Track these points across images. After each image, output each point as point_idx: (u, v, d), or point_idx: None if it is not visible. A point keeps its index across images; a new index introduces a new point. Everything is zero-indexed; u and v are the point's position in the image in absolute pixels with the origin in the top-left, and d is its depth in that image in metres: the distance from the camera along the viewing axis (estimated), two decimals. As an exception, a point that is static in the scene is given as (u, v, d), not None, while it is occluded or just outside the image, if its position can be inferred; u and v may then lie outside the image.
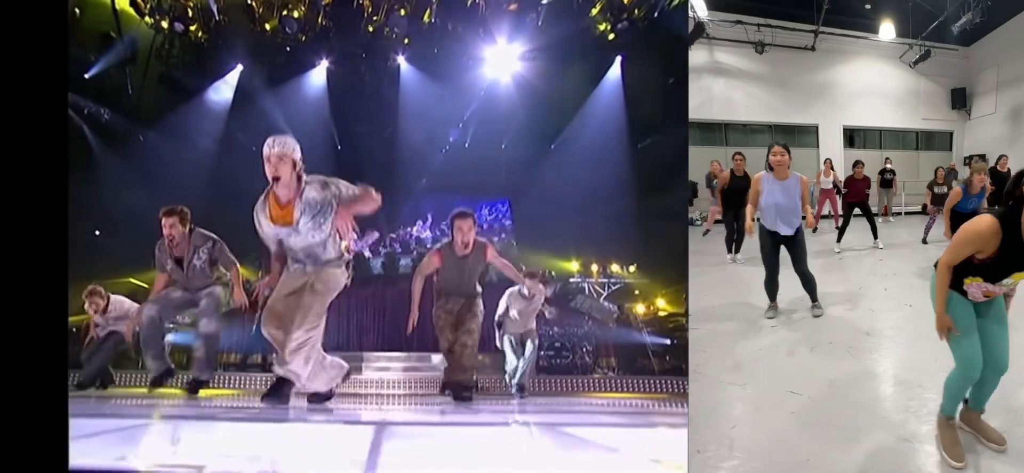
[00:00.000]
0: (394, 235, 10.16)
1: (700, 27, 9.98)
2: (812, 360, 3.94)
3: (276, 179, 3.41)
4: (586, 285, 9.24)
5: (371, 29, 9.93)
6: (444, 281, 4.93)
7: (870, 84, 12.30)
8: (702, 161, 9.71)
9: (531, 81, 10.20)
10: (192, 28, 9.08)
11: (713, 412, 3.20)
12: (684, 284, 8.46)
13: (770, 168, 4.65)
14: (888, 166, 9.96)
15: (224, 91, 9.86)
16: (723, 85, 11.37)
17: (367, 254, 9.31)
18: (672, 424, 3.09)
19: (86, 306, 5.83)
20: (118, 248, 8.44)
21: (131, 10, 8.65)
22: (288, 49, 10.02)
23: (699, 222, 9.94)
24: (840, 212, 8.30)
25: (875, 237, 7.87)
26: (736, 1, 10.49)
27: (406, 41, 10.17)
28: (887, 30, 11.58)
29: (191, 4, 8.98)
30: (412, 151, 10.51)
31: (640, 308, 8.99)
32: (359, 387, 6.51)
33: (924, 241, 7.85)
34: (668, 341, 8.16)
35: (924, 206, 8.83)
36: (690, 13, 9.62)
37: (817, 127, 12.10)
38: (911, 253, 7.61)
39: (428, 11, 9.76)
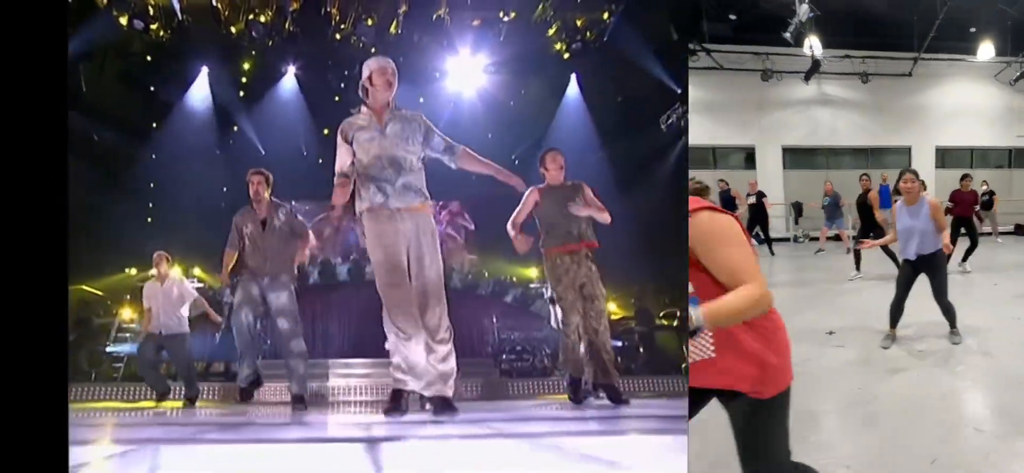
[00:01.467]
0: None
1: (816, 64, 11.04)
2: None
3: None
4: (544, 289, 9.22)
5: (338, 37, 9.90)
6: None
7: (963, 104, 12.82)
8: (806, 184, 11.08)
9: (493, 94, 10.54)
10: (153, 27, 9.06)
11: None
12: (633, 287, 9.35)
13: (897, 193, 4.91)
14: (986, 187, 9.75)
15: (188, 93, 9.86)
16: (829, 114, 12.50)
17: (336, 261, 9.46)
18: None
19: (158, 267, 5.76)
20: (70, 253, 8.55)
21: (90, 3, 8.62)
22: (254, 53, 9.95)
23: (802, 239, 11.03)
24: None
25: (965, 259, 7.56)
26: (844, 37, 11.37)
27: (373, 50, 9.99)
28: (986, 50, 11.76)
29: (152, 2, 8.95)
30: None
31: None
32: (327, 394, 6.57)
33: None
34: (619, 343, 8.18)
35: (1017, 226, 8.59)
36: (808, 52, 10.70)
37: (910, 148, 12.78)
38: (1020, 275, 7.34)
39: (395, 22, 9.61)
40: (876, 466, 2.53)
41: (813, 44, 10.56)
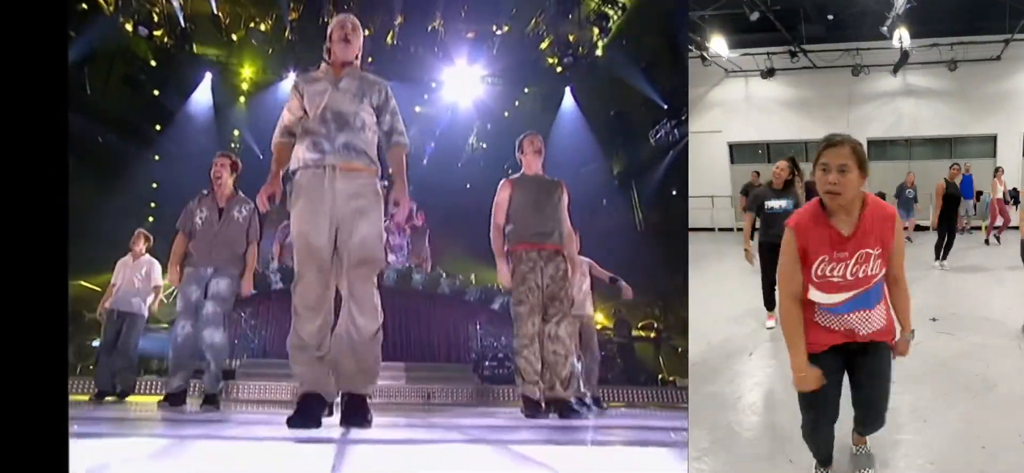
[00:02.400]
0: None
1: (905, 55, 10.96)
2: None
3: None
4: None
5: (336, 45, 10.11)
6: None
7: None
8: (887, 175, 10.89)
9: (488, 103, 10.82)
10: (157, 33, 9.38)
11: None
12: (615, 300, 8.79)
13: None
14: None
15: (191, 98, 10.17)
16: (912, 105, 12.33)
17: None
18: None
19: (134, 245, 5.42)
20: (70, 249, 8.85)
21: (93, 5, 8.91)
22: (256, 60, 10.25)
23: None
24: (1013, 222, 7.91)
25: None
26: (932, 26, 11.11)
27: (370, 60, 10.24)
28: None
29: (157, 9, 9.26)
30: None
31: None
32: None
33: None
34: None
35: None
36: (896, 44, 10.61)
37: (995, 136, 12.35)
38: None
39: (391, 33, 9.87)
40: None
41: (902, 35, 10.43)
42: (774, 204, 4.55)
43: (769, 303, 4.48)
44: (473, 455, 2.29)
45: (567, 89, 10.72)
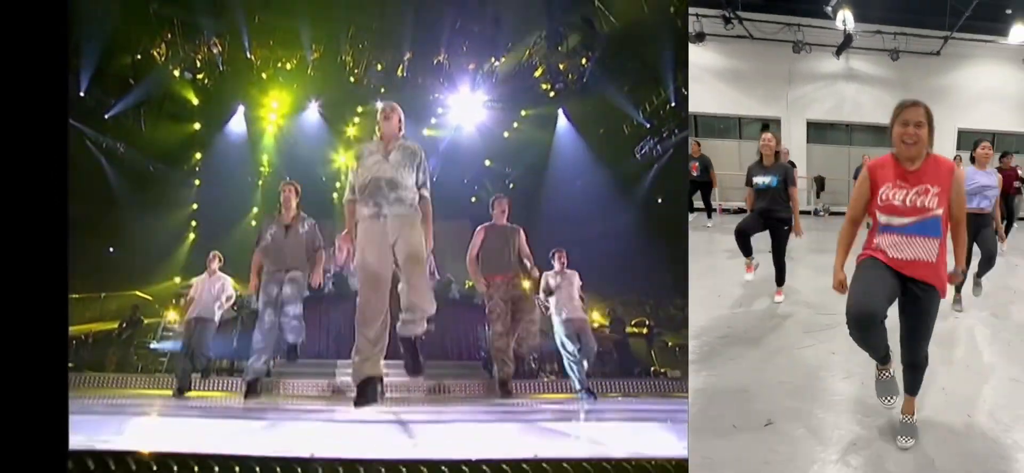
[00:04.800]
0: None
1: (849, 38, 11.01)
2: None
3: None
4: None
5: (353, 80, 11.27)
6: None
7: (989, 87, 12.52)
8: (829, 158, 11.26)
9: (490, 127, 11.94)
10: (199, 76, 10.73)
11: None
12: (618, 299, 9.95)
13: (973, 160, 5.16)
14: (1021, 172, 9.24)
15: (227, 127, 11.44)
16: (854, 90, 12.27)
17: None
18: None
19: (212, 264, 6.35)
20: (127, 264, 10.22)
21: (148, 59, 10.33)
22: (282, 93, 11.52)
23: (823, 213, 11.02)
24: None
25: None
26: (876, 12, 11.29)
27: (382, 91, 11.43)
28: (1018, 32, 11.56)
29: (201, 57, 10.60)
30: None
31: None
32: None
33: None
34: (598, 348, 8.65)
35: None
36: (841, 25, 10.61)
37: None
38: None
39: (401, 67, 11.01)
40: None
41: (846, 18, 10.59)
42: (760, 180, 4.75)
43: (746, 251, 4.87)
44: (501, 431, 3.14)
45: (560, 111, 11.78)
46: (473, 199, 13.46)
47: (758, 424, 2.74)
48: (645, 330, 10.10)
